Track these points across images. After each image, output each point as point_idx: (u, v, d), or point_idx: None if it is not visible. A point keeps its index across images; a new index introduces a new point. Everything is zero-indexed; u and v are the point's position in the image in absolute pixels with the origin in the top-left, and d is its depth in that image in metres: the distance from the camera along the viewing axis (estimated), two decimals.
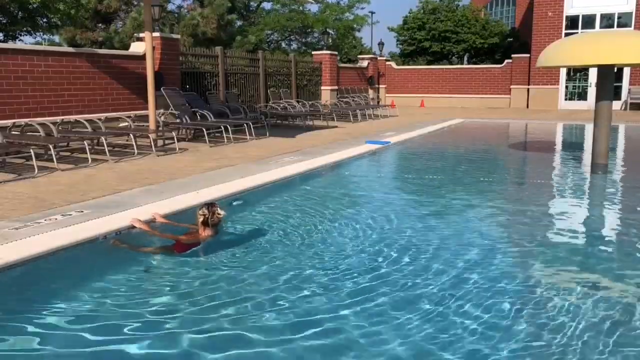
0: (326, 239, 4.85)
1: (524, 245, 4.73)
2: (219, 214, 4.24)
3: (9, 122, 9.07)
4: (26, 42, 20.85)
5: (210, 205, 4.31)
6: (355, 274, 3.91)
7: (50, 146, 7.78)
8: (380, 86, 25.97)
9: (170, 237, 4.41)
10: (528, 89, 23.12)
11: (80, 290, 3.64)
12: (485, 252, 4.44)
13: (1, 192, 6.13)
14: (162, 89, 11.20)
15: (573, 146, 12.80)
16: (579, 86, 22.55)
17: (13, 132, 8.76)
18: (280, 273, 3.93)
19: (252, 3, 28.80)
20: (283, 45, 29.49)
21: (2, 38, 18.20)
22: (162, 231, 4.56)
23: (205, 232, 4.23)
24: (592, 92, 20.97)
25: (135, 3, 22.93)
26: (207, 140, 10.52)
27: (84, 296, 3.54)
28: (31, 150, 7.36)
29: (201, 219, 4.21)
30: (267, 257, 4.30)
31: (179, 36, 13.84)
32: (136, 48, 12.25)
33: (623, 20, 21.42)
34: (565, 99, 22.65)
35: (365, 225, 5.23)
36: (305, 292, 3.59)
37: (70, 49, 11.03)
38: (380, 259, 4.25)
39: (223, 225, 4.54)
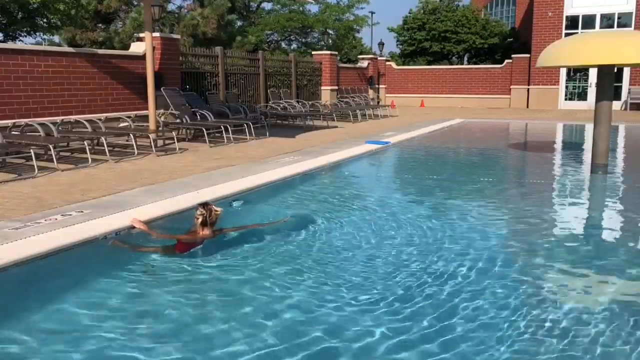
0: (326, 238, 4.84)
1: (523, 244, 4.73)
2: (216, 211, 4.25)
3: (9, 122, 9.07)
4: (26, 42, 20.84)
5: (205, 204, 4.31)
6: (356, 272, 3.92)
7: (50, 146, 7.78)
8: (380, 86, 25.97)
9: (169, 237, 4.40)
10: (528, 89, 23.12)
11: (80, 290, 3.64)
12: (485, 252, 4.44)
13: (1, 192, 6.13)
14: (162, 89, 11.20)
15: (573, 146, 12.80)
16: (579, 86, 22.55)
17: (13, 132, 8.76)
18: (279, 272, 3.94)
19: (252, 3, 28.80)
20: (283, 45, 29.49)
21: (2, 38, 18.20)
22: (161, 232, 4.56)
23: (204, 232, 4.23)
24: (592, 92, 20.98)
25: (135, 3, 22.93)
26: (207, 140, 10.51)
27: (84, 296, 3.54)
28: (31, 150, 7.36)
29: (200, 219, 4.20)
30: (267, 257, 4.30)
31: (179, 36, 13.84)
32: (136, 48, 12.25)
33: (623, 20, 21.42)
34: (565, 99, 22.66)
35: (365, 225, 5.23)
36: (305, 292, 3.59)
37: (70, 49, 11.03)
38: (379, 257, 4.26)
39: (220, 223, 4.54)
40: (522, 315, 3.27)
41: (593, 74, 20.77)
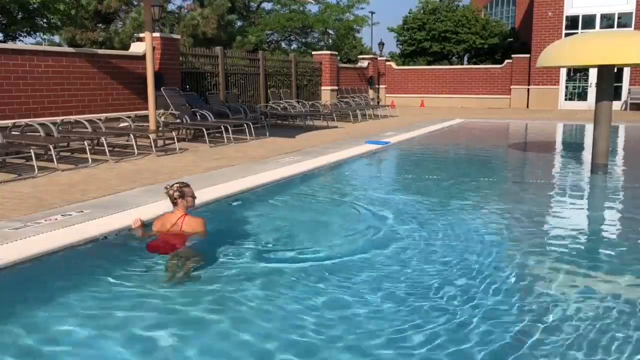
0: (326, 238, 4.84)
1: (523, 245, 4.73)
2: (180, 187, 4.40)
3: (9, 122, 9.07)
4: (26, 42, 20.85)
5: (179, 184, 4.45)
6: (356, 271, 3.92)
7: (50, 146, 7.78)
8: (380, 86, 25.98)
9: (153, 234, 4.42)
10: (528, 89, 23.13)
11: (81, 290, 3.64)
12: (483, 253, 4.44)
13: (1, 192, 6.13)
14: (162, 89, 11.20)
15: (573, 146, 12.80)
16: (579, 86, 22.56)
17: (13, 132, 8.76)
18: (279, 271, 3.94)
19: (252, 3, 28.81)
20: (283, 45, 29.51)
21: (2, 38, 18.20)
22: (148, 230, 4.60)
23: (178, 210, 4.36)
24: (592, 92, 20.98)
25: (135, 3, 22.94)
26: (207, 141, 10.52)
27: (84, 296, 3.54)
28: (31, 150, 7.36)
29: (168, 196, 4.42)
30: (267, 257, 4.30)
31: (179, 36, 13.84)
32: (136, 48, 12.26)
33: (623, 21, 21.43)
34: (565, 99, 22.66)
35: (365, 224, 5.23)
36: (307, 292, 3.60)
37: (70, 49, 11.03)
38: (379, 256, 4.26)
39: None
40: (519, 312, 3.27)
41: (593, 74, 20.78)
